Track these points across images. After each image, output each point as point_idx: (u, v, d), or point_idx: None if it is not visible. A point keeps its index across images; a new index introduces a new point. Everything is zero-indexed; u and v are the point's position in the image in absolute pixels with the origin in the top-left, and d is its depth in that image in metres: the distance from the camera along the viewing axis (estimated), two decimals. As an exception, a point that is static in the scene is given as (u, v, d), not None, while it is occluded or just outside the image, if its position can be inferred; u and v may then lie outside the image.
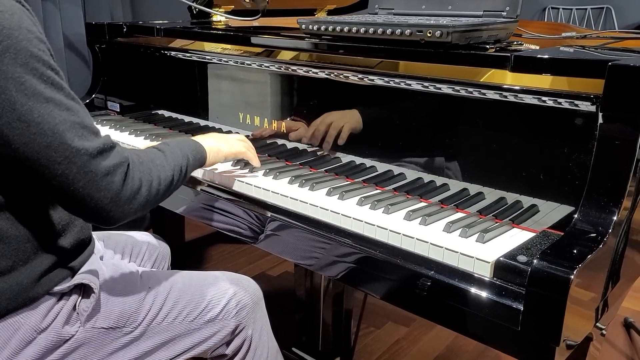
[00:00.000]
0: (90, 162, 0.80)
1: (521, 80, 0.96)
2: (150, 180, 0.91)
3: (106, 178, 0.82)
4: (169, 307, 1.05)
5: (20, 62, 0.76)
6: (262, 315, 1.19)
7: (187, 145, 1.07)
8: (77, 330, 0.94)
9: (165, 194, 0.96)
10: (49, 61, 0.80)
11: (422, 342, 2.00)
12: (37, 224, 0.90)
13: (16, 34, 0.76)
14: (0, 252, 0.86)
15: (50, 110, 0.78)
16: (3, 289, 0.87)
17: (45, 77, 0.78)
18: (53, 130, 0.77)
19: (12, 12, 0.77)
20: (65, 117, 0.79)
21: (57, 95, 0.79)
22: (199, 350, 1.10)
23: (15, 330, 0.88)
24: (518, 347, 0.80)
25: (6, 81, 0.74)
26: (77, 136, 0.79)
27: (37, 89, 0.77)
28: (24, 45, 0.76)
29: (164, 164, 0.96)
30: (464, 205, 1.05)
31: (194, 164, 1.06)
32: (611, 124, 0.85)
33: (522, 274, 0.81)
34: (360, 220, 1.00)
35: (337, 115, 1.24)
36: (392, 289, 0.96)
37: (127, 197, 0.85)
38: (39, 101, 0.77)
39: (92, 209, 0.83)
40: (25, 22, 0.78)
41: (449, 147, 1.09)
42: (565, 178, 0.93)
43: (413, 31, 1.06)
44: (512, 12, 1.14)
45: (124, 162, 0.86)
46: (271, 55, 1.36)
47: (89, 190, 0.81)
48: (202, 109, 1.59)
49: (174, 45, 1.62)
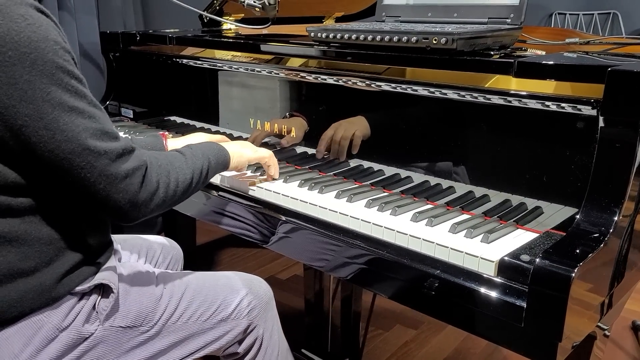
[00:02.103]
0: (110, 166, 0.85)
1: (525, 86, 0.99)
2: (167, 182, 0.95)
3: (125, 180, 0.87)
4: (183, 306, 1.08)
5: (47, 73, 0.80)
6: (273, 315, 1.22)
7: (209, 148, 1.11)
8: (96, 329, 0.97)
9: (184, 194, 1.00)
10: (73, 71, 0.84)
11: (430, 344, 2.02)
12: (60, 227, 0.93)
13: (43, 46, 0.79)
14: (24, 253, 0.89)
15: (73, 118, 0.82)
16: (27, 289, 0.90)
17: (69, 86, 0.82)
18: (76, 138, 0.82)
19: (39, 24, 0.80)
20: (87, 124, 0.83)
21: (80, 104, 0.84)
22: (211, 348, 1.13)
23: (38, 329, 0.91)
24: (521, 343, 0.82)
25: (34, 92, 0.79)
26: (98, 142, 0.84)
27: (62, 98, 0.81)
28: (50, 57, 0.80)
29: (182, 166, 1.00)
30: (469, 208, 1.07)
31: (216, 167, 1.10)
32: (611, 127, 0.88)
33: (525, 273, 0.84)
34: (369, 222, 1.03)
35: (346, 125, 1.27)
36: (399, 288, 0.98)
37: (145, 199, 0.91)
38: (63, 110, 0.81)
39: (112, 208, 0.88)
40: (52, 34, 0.82)
41: (455, 151, 1.11)
42: (568, 180, 0.96)
43: (419, 38, 1.09)
44: (517, 19, 1.17)
45: (142, 166, 0.91)
46: (281, 62, 1.39)
47: (109, 192, 0.86)
48: (213, 115, 1.62)
49: (186, 53, 1.66)
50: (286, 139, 1.39)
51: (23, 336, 0.90)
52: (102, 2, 2.42)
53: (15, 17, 0.78)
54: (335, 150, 1.29)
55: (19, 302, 0.89)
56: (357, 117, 1.25)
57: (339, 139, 1.28)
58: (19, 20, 0.78)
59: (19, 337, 0.90)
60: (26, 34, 0.78)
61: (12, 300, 0.89)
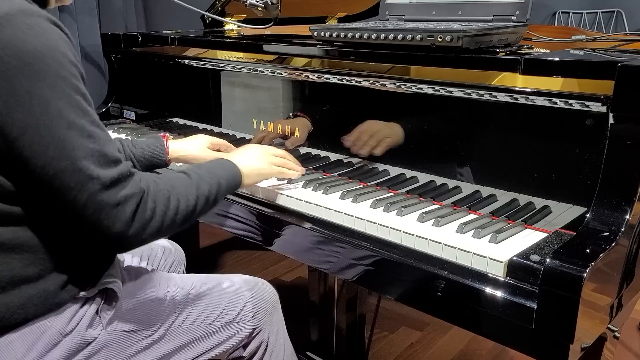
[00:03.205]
0: (102, 192, 0.80)
1: (532, 83, 0.98)
2: (164, 210, 0.88)
3: (117, 208, 0.82)
4: (188, 310, 1.07)
5: (49, 85, 0.76)
6: (279, 318, 1.21)
7: (220, 169, 1.04)
8: (100, 334, 0.95)
9: (185, 221, 0.93)
10: (78, 86, 0.80)
11: (435, 346, 2.00)
12: (63, 234, 0.91)
13: (49, 57, 0.76)
14: (28, 260, 0.87)
15: (71, 135, 0.78)
16: (30, 295, 0.88)
17: (72, 101, 0.78)
18: (70, 156, 0.78)
19: (49, 35, 0.78)
20: (84, 143, 0.79)
21: (81, 121, 0.79)
22: (216, 352, 1.11)
23: (41, 334, 0.90)
24: (532, 345, 0.81)
25: (32, 103, 0.75)
26: (93, 164, 0.79)
27: (62, 113, 0.77)
28: (55, 69, 0.77)
29: (186, 191, 0.93)
30: (476, 207, 1.06)
31: (226, 189, 1.03)
32: (622, 124, 0.86)
33: (535, 273, 0.82)
34: (374, 223, 1.02)
35: (378, 127, 1.22)
36: (406, 289, 0.97)
37: (137, 229, 0.84)
38: (61, 126, 0.77)
39: (100, 235, 0.83)
40: (61, 47, 0.79)
41: (461, 150, 1.10)
42: (577, 179, 0.94)
43: (424, 36, 1.08)
44: (522, 16, 1.15)
45: (138, 193, 0.85)
46: (284, 62, 1.38)
47: (98, 218, 0.81)
48: (215, 116, 1.61)
49: (188, 54, 1.66)
50: (290, 140, 1.38)
51: (26, 341, 0.89)
52: (103, 3, 2.42)
53: (24, 27, 0.76)
54: (359, 146, 1.25)
55: (23, 308, 0.88)
56: (393, 123, 1.20)
57: (368, 139, 1.23)
58: (27, 30, 0.76)
59: (22, 342, 0.88)
60: (32, 44, 0.75)
61: (15, 307, 0.87)
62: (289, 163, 1.19)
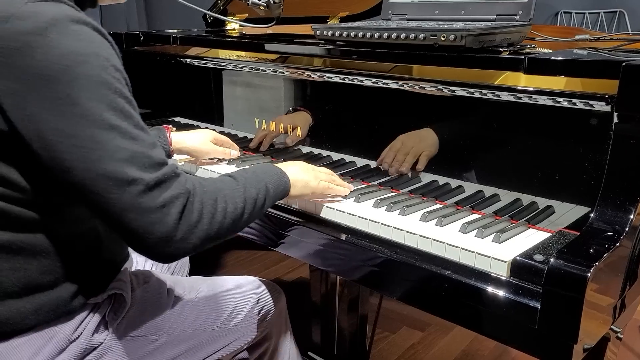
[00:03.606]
0: (145, 194, 0.77)
1: (535, 83, 0.97)
2: (212, 212, 0.84)
3: (161, 210, 0.78)
4: (194, 315, 1.06)
5: (89, 88, 0.75)
6: (285, 320, 1.21)
7: (268, 174, 0.99)
8: (106, 339, 0.95)
9: (233, 228, 0.89)
10: (121, 89, 0.79)
11: (437, 346, 2.00)
12: (84, 243, 0.91)
13: (91, 60, 0.75)
14: (46, 267, 0.87)
15: (112, 137, 0.76)
16: (44, 302, 0.88)
17: (113, 104, 0.77)
18: (112, 158, 0.75)
19: (91, 40, 0.77)
20: (127, 145, 0.77)
21: (123, 124, 0.77)
22: (221, 354, 1.11)
23: (49, 339, 0.89)
24: (536, 345, 0.81)
25: (73, 107, 0.74)
26: (136, 166, 0.77)
27: (103, 115, 0.76)
28: (97, 72, 0.76)
29: (233, 194, 0.89)
30: (479, 207, 1.05)
31: (274, 196, 0.98)
32: (626, 123, 0.86)
33: (538, 273, 0.82)
34: (377, 222, 1.01)
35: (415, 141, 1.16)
36: (408, 289, 0.96)
37: (184, 232, 0.80)
38: (103, 128, 0.75)
39: (144, 242, 0.79)
40: (104, 52, 0.78)
41: (464, 149, 1.10)
42: (581, 178, 0.94)
43: (427, 35, 1.07)
44: (525, 16, 1.15)
45: (184, 194, 0.81)
46: (286, 61, 1.38)
47: (141, 222, 0.77)
48: (217, 116, 1.61)
49: (190, 53, 1.65)
50: (290, 137, 1.37)
51: (33, 346, 0.88)
52: (105, 3, 2.42)
53: (69, 32, 0.75)
54: (398, 163, 1.19)
55: (35, 314, 0.87)
56: (426, 129, 1.15)
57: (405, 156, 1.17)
58: (71, 35, 0.75)
59: (29, 347, 0.88)
60: (74, 48, 0.74)
61: (28, 312, 0.87)
62: (336, 180, 1.13)
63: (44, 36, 0.73)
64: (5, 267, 0.84)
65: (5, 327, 0.86)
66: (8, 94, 0.74)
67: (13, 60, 0.73)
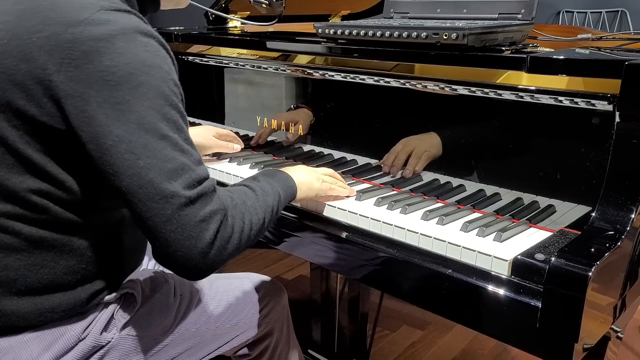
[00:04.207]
0: (187, 207, 0.77)
1: (537, 82, 0.97)
2: (242, 226, 0.85)
3: (200, 225, 0.78)
4: (198, 313, 1.06)
5: (149, 97, 0.76)
6: (286, 317, 1.21)
7: (278, 180, 1.01)
8: (113, 337, 0.95)
9: (256, 237, 0.90)
10: (177, 104, 0.81)
11: (437, 345, 2.00)
12: (110, 247, 0.92)
13: (154, 72, 0.77)
14: (71, 268, 0.88)
15: (163, 147, 0.77)
16: (61, 301, 0.88)
17: (168, 116, 0.78)
18: (160, 167, 0.76)
19: (157, 53, 0.79)
20: (175, 156, 0.78)
21: (174, 135, 0.79)
22: (223, 350, 1.11)
23: (59, 336, 0.90)
24: (536, 344, 0.81)
25: (131, 113, 0.75)
26: (182, 178, 0.77)
27: (157, 125, 0.77)
28: (157, 83, 0.77)
29: (255, 206, 0.90)
30: (480, 206, 1.05)
31: (285, 201, 1.00)
32: (628, 122, 0.86)
33: (539, 272, 0.82)
34: (378, 220, 1.01)
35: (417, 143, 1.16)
36: (409, 288, 0.97)
37: (218, 247, 0.81)
38: (155, 136, 0.76)
39: (180, 257, 0.78)
40: (166, 66, 0.80)
41: (466, 148, 1.10)
42: (583, 178, 0.94)
43: (429, 34, 1.07)
44: (527, 15, 1.15)
45: (222, 210, 0.82)
46: (287, 59, 1.38)
47: (180, 236, 0.77)
48: (218, 113, 1.61)
49: (191, 50, 1.65)
50: (292, 133, 1.37)
51: (43, 342, 0.88)
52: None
53: (136, 42, 0.77)
54: (400, 163, 1.19)
55: (50, 312, 0.88)
56: (430, 134, 1.15)
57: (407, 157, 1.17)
58: (139, 45, 0.77)
59: (39, 343, 0.88)
60: (140, 58, 0.76)
61: (44, 310, 0.87)
62: (338, 181, 1.14)
63: (113, 43, 0.75)
64: (34, 262, 0.85)
65: (20, 322, 0.86)
66: (72, 95, 0.75)
67: (81, 63, 0.74)
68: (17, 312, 0.85)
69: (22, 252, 0.84)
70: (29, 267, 0.85)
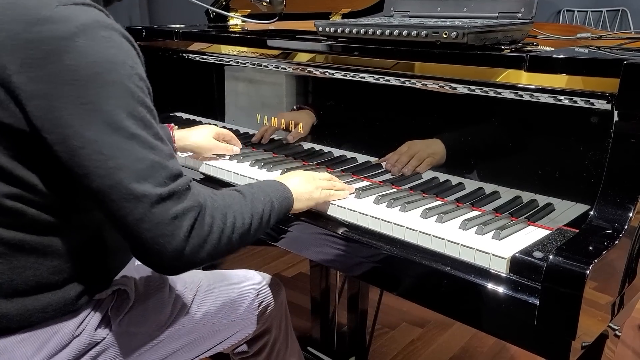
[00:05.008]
0: (159, 205, 0.77)
1: (537, 80, 0.97)
2: (222, 227, 0.85)
3: (173, 222, 0.78)
4: (195, 309, 1.07)
5: (115, 96, 0.76)
6: (285, 314, 1.21)
7: (273, 190, 1.00)
8: (108, 334, 0.95)
9: (240, 242, 0.89)
10: (144, 99, 0.80)
11: (436, 343, 2.01)
12: (93, 244, 0.92)
13: (119, 69, 0.76)
14: (56, 268, 0.88)
15: (131, 146, 0.76)
16: (51, 300, 0.88)
17: (135, 113, 0.78)
18: (130, 168, 0.76)
19: (120, 47, 0.78)
20: (145, 155, 0.77)
21: (143, 133, 0.78)
22: (221, 347, 1.11)
23: (53, 334, 0.90)
24: (534, 341, 0.81)
25: (97, 113, 0.75)
26: (152, 177, 0.77)
27: (125, 124, 0.76)
28: (123, 81, 0.76)
29: (242, 210, 0.90)
30: (479, 204, 1.06)
31: (279, 212, 0.99)
32: (626, 121, 0.86)
33: (537, 270, 0.82)
34: (377, 218, 1.02)
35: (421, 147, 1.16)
36: (408, 285, 0.97)
37: (194, 246, 0.81)
38: (123, 136, 0.76)
39: (153, 254, 0.79)
40: (131, 60, 0.79)
41: (465, 146, 1.10)
42: (581, 176, 0.94)
43: (429, 32, 1.08)
44: (527, 14, 1.15)
45: (196, 207, 0.82)
46: (288, 57, 1.38)
47: (154, 234, 0.77)
48: (219, 111, 1.61)
49: (192, 48, 1.65)
50: (293, 133, 1.38)
51: (37, 341, 0.89)
52: (108, -3, 2.42)
53: (97, 38, 0.76)
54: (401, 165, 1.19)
55: (41, 312, 0.88)
56: (434, 140, 1.15)
57: (409, 159, 1.17)
58: (100, 41, 0.76)
59: (33, 342, 0.89)
60: (104, 55, 0.75)
61: (35, 310, 0.88)
62: (337, 185, 1.13)
63: (74, 41, 0.74)
64: (17, 265, 0.85)
65: (12, 324, 0.86)
66: (35, 96, 0.74)
67: (42, 63, 0.73)
68: (7, 315, 0.86)
69: (5, 257, 0.84)
70: (13, 270, 0.84)
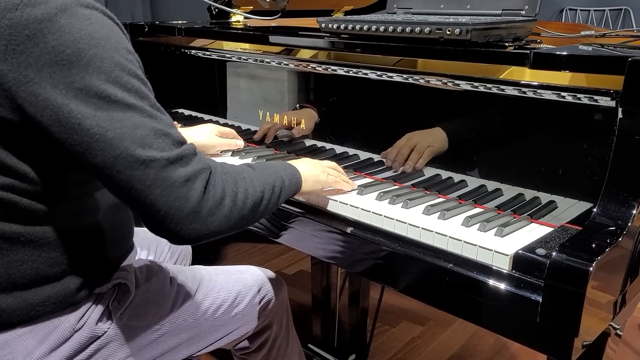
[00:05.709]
0: (168, 168, 0.76)
1: (540, 77, 0.97)
2: (234, 191, 0.84)
3: (186, 185, 0.77)
4: (196, 304, 1.06)
5: (104, 70, 0.75)
6: (286, 310, 1.21)
7: (282, 167, 1.00)
8: (109, 328, 0.95)
9: (255, 211, 0.88)
10: (135, 71, 0.79)
11: (437, 340, 2.01)
12: (90, 234, 0.92)
13: (104, 43, 0.75)
14: (54, 260, 0.87)
15: (129, 115, 0.75)
16: (51, 293, 0.88)
17: (129, 85, 0.77)
18: (131, 135, 0.75)
19: (103, 24, 0.77)
20: (145, 122, 0.76)
21: (140, 103, 0.77)
22: (222, 342, 1.11)
23: (54, 328, 0.90)
24: (537, 338, 0.81)
25: (89, 89, 0.74)
26: (157, 142, 0.76)
27: (119, 96, 0.75)
28: (110, 54, 0.75)
29: (252, 178, 0.89)
30: (482, 201, 1.06)
31: (289, 188, 0.98)
32: (631, 119, 0.86)
33: (540, 267, 0.82)
34: (380, 215, 1.02)
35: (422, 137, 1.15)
36: (410, 282, 0.97)
37: (210, 207, 0.79)
38: (119, 107, 0.75)
39: (171, 220, 0.77)
40: (115, 35, 0.78)
41: (467, 143, 1.10)
42: (584, 174, 0.94)
43: (432, 29, 1.07)
44: (531, 11, 1.15)
45: (206, 169, 0.81)
46: (290, 54, 1.38)
47: (167, 199, 0.76)
48: (221, 108, 1.61)
49: (194, 44, 1.65)
50: (296, 130, 1.37)
51: (38, 335, 0.89)
52: (110, -7, 2.42)
53: (79, 16, 0.75)
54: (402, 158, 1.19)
55: (41, 305, 0.88)
56: (436, 129, 1.14)
57: (409, 152, 1.17)
58: (82, 19, 0.75)
59: (34, 336, 0.88)
60: (87, 32, 0.74)
61: (35, 304, 0.87)
62: (342, 175, 1.13)
63: (55, 22, 0.73)
64: (14, 258, 0.84)
65: (12, 318, 0.86)
66: (23, 82, 0.74)
67: (26, 48, 0.73)
68: (7, 309, 0.85)
69: (0, 250, 0.83)
70: (10, 264, 0.84)
